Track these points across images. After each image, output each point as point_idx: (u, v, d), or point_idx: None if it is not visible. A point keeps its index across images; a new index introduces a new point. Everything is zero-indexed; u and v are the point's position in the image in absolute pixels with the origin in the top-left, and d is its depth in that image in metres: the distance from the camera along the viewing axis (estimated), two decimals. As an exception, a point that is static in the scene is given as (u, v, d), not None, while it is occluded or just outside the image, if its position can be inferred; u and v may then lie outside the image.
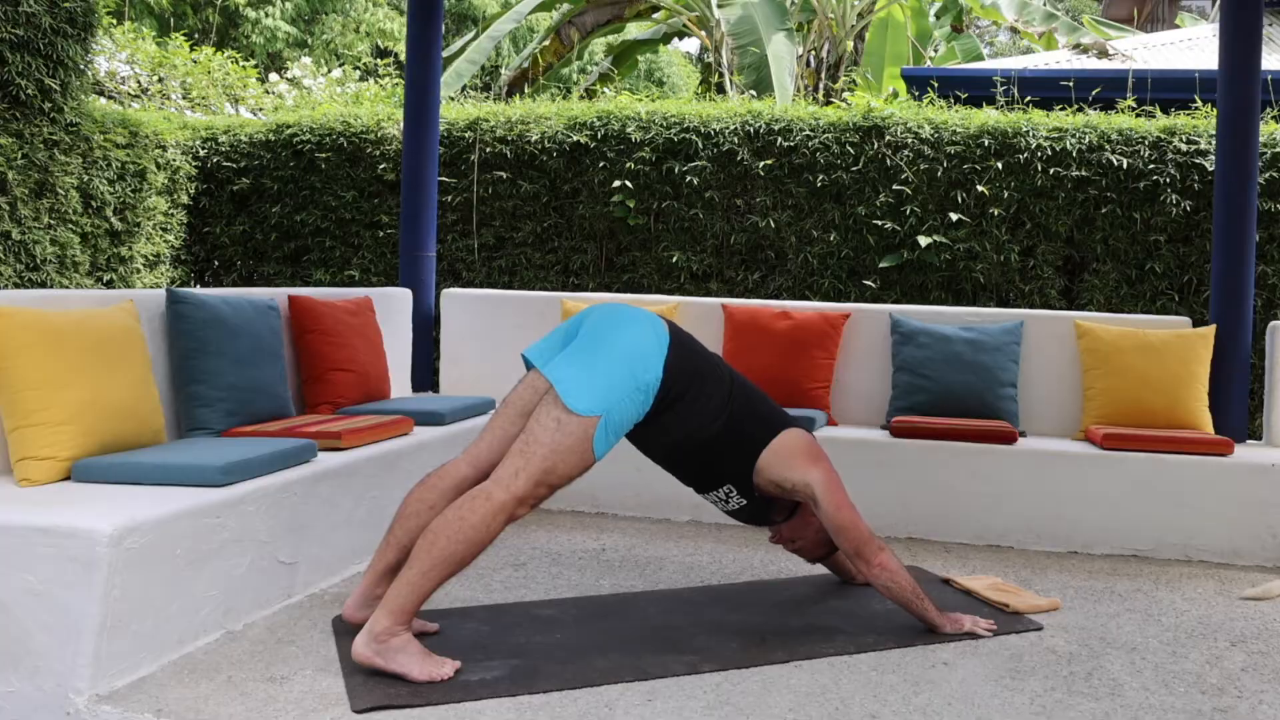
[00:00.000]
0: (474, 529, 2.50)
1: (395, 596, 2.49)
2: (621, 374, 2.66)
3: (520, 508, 2.56)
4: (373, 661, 2.46)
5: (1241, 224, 4.55)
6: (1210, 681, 2.67)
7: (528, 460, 2.56)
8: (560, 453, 2.58)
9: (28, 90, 5.60)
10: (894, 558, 2.90)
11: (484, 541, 2.52)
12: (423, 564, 2.49)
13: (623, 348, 2.68)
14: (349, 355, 4.16)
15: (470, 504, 2.53)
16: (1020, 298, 5.92)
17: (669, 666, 2.62)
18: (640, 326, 2.75)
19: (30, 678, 2.33)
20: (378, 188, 6.75)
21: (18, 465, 2.76)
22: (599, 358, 2.66)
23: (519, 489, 2.55)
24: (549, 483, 2.59)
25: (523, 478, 2.55)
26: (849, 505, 2.87)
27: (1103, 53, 10.81)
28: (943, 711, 2.41)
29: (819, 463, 2.89)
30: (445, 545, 2.49)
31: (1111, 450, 4.05)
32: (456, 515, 2.51)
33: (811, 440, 2.94)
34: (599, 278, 6.47)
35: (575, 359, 2.67)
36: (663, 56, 23.61)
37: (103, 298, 3.21)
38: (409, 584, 2.48)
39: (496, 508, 2.53)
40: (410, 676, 2.45)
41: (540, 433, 2.59)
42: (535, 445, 2.58)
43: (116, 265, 6.35)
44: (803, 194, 6.16)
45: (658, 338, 2.75)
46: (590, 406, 2.60)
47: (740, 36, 10.95)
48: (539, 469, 2.56)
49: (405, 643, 2.49)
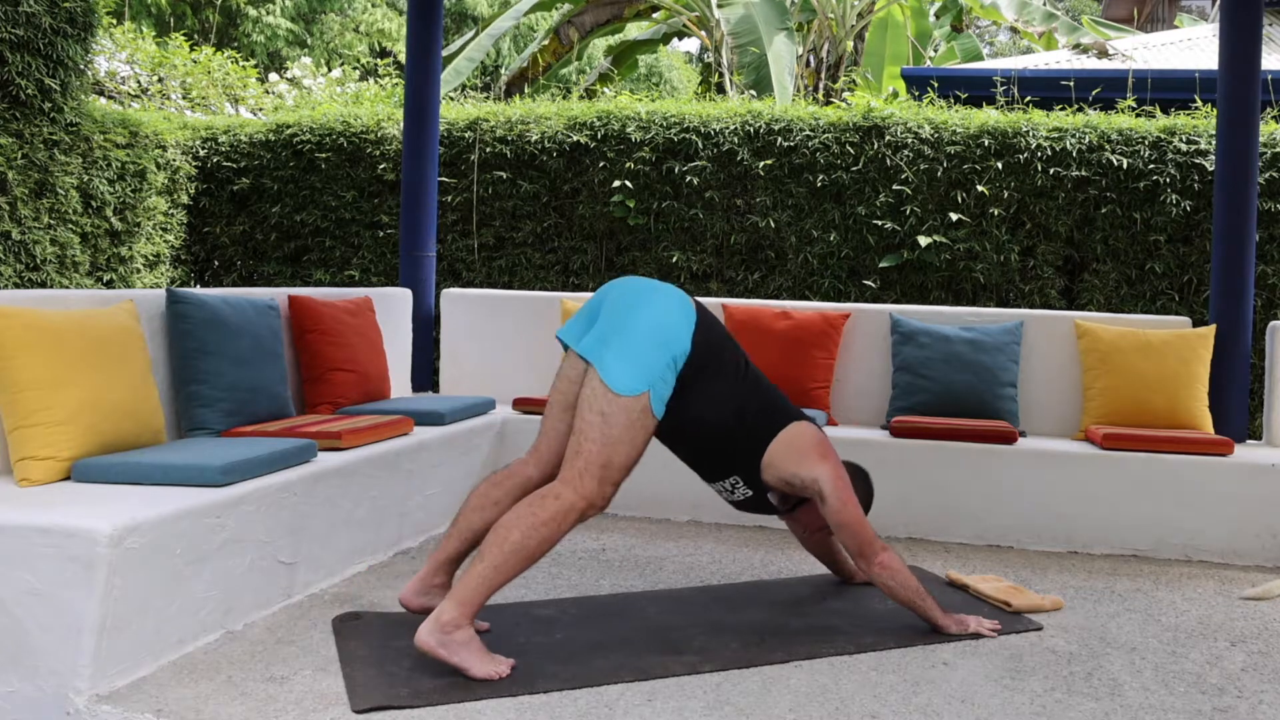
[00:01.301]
0: (545, 526, 2.53)
1: (464, 589, 2.49)
2: (656, 347, 2.65)
3: (590, 507, 2.59)
4: (435, 651, 2.46)
5: (1241, 224, 4.55)
6: (1210, 681, 2.67)
7: (586, 459, 2.58)
8: (613, 443, 2.59)
9: (28, 90, 5.60)
10: (896, 558, 2.90)
11: (554, 539, 2.55)
12: (494, 559, 2.50)
13: (654, 320, 2.67)
14: (349, 355, 4.16)
15: (541, 502, 2.55)
16: (1020, 298, 5.92)
17: (669, 666, 2.62)
18: (667, 299, 2.73)
19: (30, 678, 2.33)
20: (378, 188, 6.75)
21: (18, 465, 2.76)
22: (633, 333, 2.64)
23: (586, 488, 2.57)
24: (612, 477, 2.61)
25: (586, 477, 2.57)
26: (854, 503, 2.86)
27: (1103, 53, 10.81)
28: (943, 711, 2.41)
29: (827, 459, 2.88)
30: (519, 541, 2.51)
31: (1111, 450, 4.05)
32: (529, 512, 2.53)
33: (821, 436, 2.94)
34: (599, 278, 6.46)
35: (609, 338, 2.65)
36: (663, 57, 23.60)
37: (103, 298, 3.21)
38: (479, 578, 2.49)
39: (566, 507, 2.55)
40: (470, 672, 2.46)
41: (588, 429, 2.60)
42: (587, 443, 2.59)
43: (116, 265, 6.35)
44: (803, 194, 6.16)
45: (683, 311, 2.73)
46: (634, 385, 2.60)
47: (740, 36, 10.95)
48: (598, 464, 2.58)
49: (469, 638, 2.50)
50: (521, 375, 5.07)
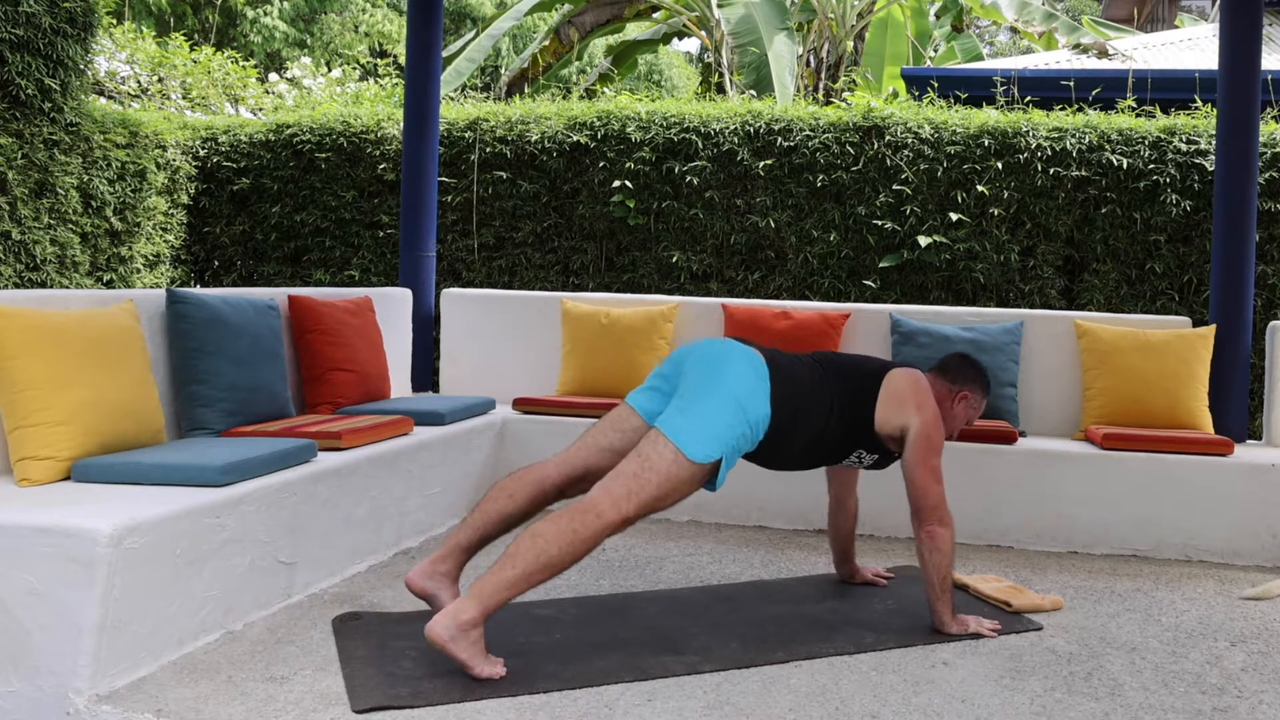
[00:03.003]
0: (584, 542, 2.54)
1: (492, 592, 2.50)
2: (732, 416, 2.70)
3: (624, 527, 2.62)
4: (445, 646, 2.47)
5: (1241, 224, 4.55)
6: (1210, 681, 2.67)
7: (641, 485, 2.60)
8: (673, 484, 2.63)
9: (28, 90, 5.60)
10: (948, 537, 2.90)
11: (585, 554, 2.56)
12: (527, 566, 2.51)
13: (729, 389, 2.72)
14: (349, 355, 4.16)
15: (582, 518, 2.54)
16: (1020, 298, 5.92)
17: (669, 666, 2.62)
18: (741, 364, 2.77)
19: (30, 678, 2.33)
20: (378, 188, 6.75)
21: (18, 465, 2.76)
22: (708, 404, 2.70)
23: (628, 510, 2.58)
24: (656, 509, 2.65)
25: (634, 501, 2.59)
26: (931, 467, 2.89)
27: (1103, 53, 10.81)
28: (943, 711, 2.41)
29: (923, 410, 2.93)
30: (555, 554, 2.52)
31: (1111, 450, 4.05)
32: (570, 528, 2.53)
33: (914, 382, 2.97)
34: (599, 278, 6.47)
35: (687, 409, 2.70)
36: (663, 57, 23.60)
37: (103, 298, 3.21)
38: (508, 583, 2.50)
39: (606, 525, 2.56)
40: (472, 671, 2.47)
41: (658, 461, 2.62)
42: (651, 473, 2.61)
43: (116, 265, 6.35)
44: (803, 194, 6.16)
45: (757, 373, 2.78)
46: (708, 454, 2.65)
47: (740, 36, 10.94)
48: (651, 496, 2.60)
49: (479, 638, 2.51)
50: (521, 375, 5.07)
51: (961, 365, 3.15)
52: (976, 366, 3.17)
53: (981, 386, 3.15)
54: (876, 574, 3.47)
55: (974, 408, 3.16)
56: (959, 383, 3.12)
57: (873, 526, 4.14)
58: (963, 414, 3.14)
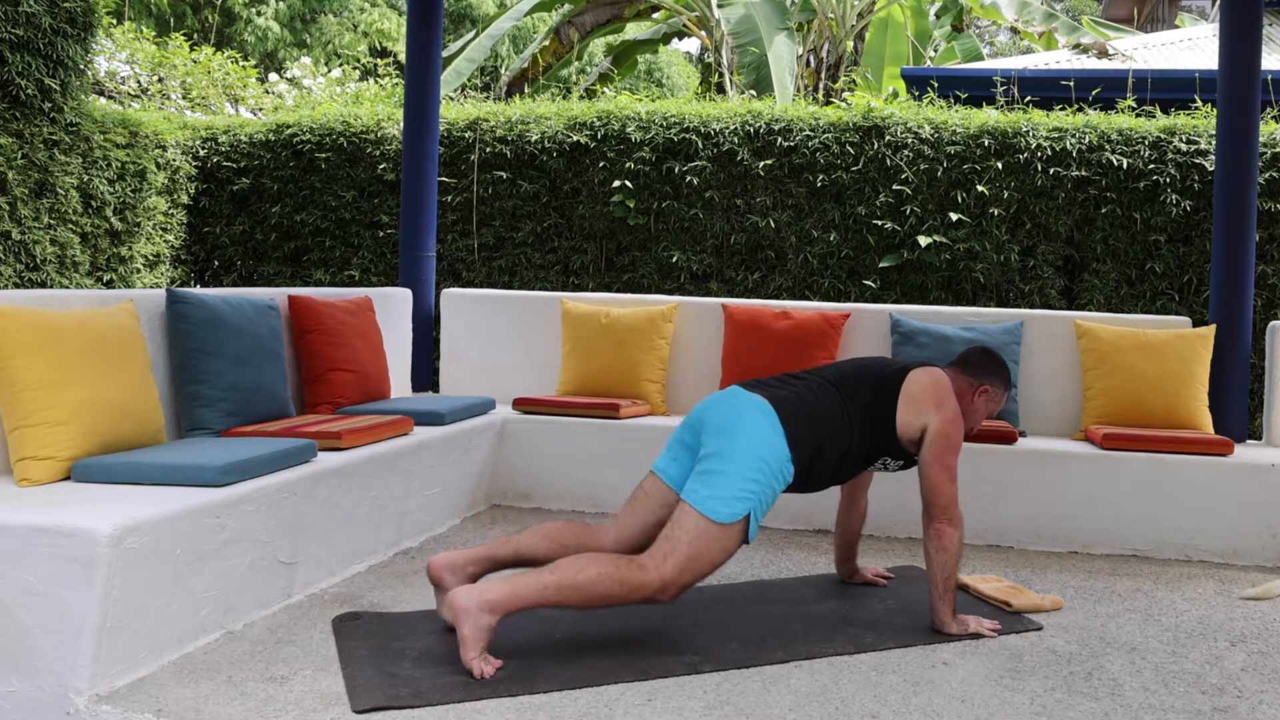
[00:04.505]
0: (619, 585, 2.60)
1: (524, 590, 2.55)
2: (756, 471, 2.73)
3: (663, 593, 2.66)
4: (458, 615, 2.52)
5: (1241, 224, 4.55)
6: (1210, 681, 2.67)
7: (674, 546, 2.66)
8: (705, 545, 2.68)
9: (28, 90, 5.60)
10: (957, 538, 2.91)
11: (615, 600, 2.61)
12: (564, 579, 2.57)
13: (746, 446, 2.75)
14: (349, 355, 4.16)
15: (628, 565, 2.63)
16: (1020, 298, 5.92)
17: (669, 666, 2.62)
18: (753, 417, 2.79)
19: (30, 678, 2.33)
20: (378, 188, 6.75)
21: (18, 465, 2.76)
22: (729, 466, 2.73)
23: (666, 572, 2.64)
24: (695, 569, 2.68)
25: (670, 562, 2.65)
26: (946, 466, 2.90)
27: (1103, 53, 10.81)
28: (943, 711, 2.41)
29: (941, 408, 2.93)
30: (591, 579, 2.58)
31: (1111, 450, 4.05)
32: (614, 566, 2.61)
33: (933, 382, 2.97)
34: (599, 278, 6.47)
35: (706, 475, 2.74)
36: (662, 56, 23.60)
37: (103, 298, 3.21)
38: (541, 588, 2.55)
39: (642, 582, 2.62)
40: (466, 656, 2.51)
41: (687, 521, 2.69)
42: (681, 533, 2.68)
43: (116, 265, 6.35)
44: (803, 194, 6.16)
45: (770, 423, 2.79)
46: (733, 514, 2.69)
47: (740, 36, 10.94)
48: (685, 555, 2.66)
49: (492, 626, 2.54)
50: (521, 375, 5.07)
51: (983, 359, 3.16)
52: (998, 360, 3.17)
53: (1003, 380, 3.16)
54: (877, 574, 3.47)
55: (995, 401, 3.16)
56: (980, 377, 3.13)
57: (873, 526, 4.14)
58: (983, 408, 3.15)
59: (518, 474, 4.52)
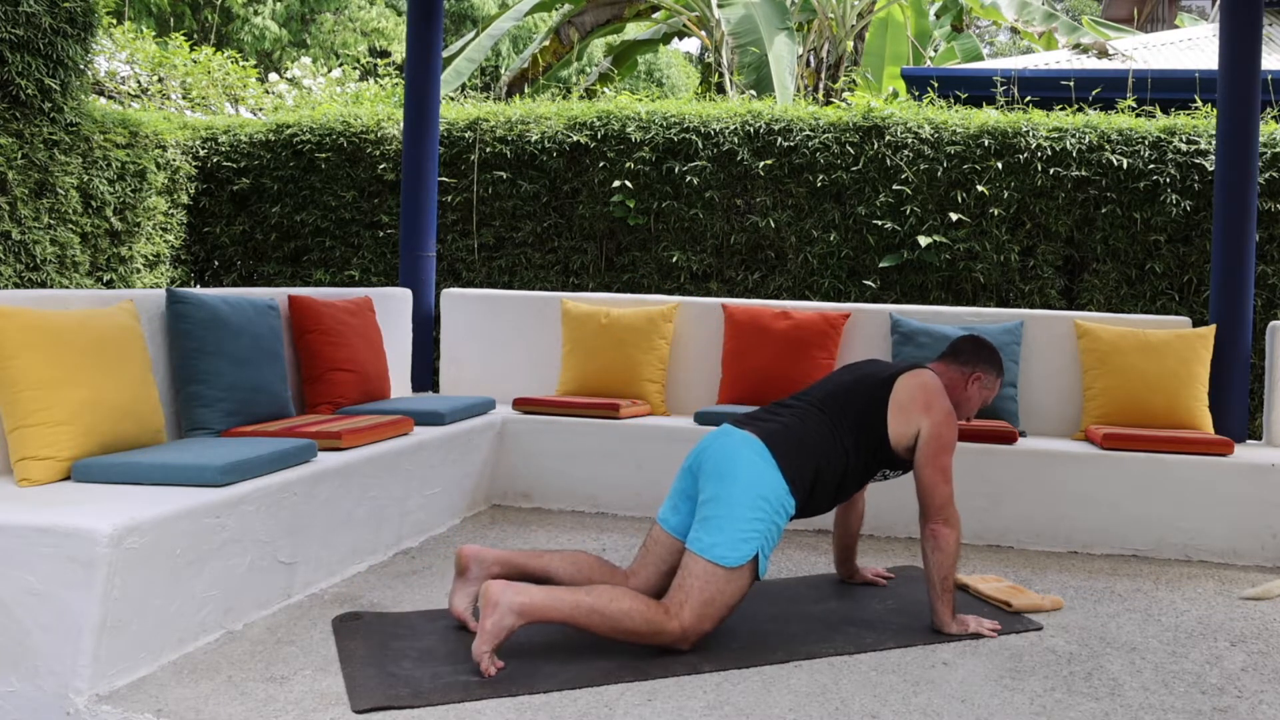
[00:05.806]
0: (647, 625, 2.63)
1: (558, 604, 2.59)
2: (756, 510, 2.74)
3: (682, 638, 2.68)
4: (487, 605, 2.55)
5: (1241, 224, 4.55)
6: (1210, 681, 2.67)
7: (687, 595, 2.69)
8: (718, 589, 2.70)
9: (28, 90, 5.60)
10: (954, 539, 2.91)
11: (634, 635, 2.64)
12: (599, 607, 2.60)
13: (744, 487, 2.76)
14: (349, 355, 4.16)
15: (656, 611, 2.66)
16: (1020, 298, 5.92)
17: (669, 666, 2.62)
18: (747, 457, 2.80)
19: (30, 678, 2.33)
20: (378, 188, 6.75)
21: (18, 465, 2.76)
22: (729, 510, 2.74)
23: (685, 619, 2.67)
24: (711, 615, 2.70)
25: (687, 609, 2.68)
26: (940, 466, 2.90)
27: (1103, 53, 10.81)
28: (943, 711, 2.41)
29: (931, 410, 2.93)
30: (623, 617, 2.61)
31: (1111, 450, 4.05)
32: (646, 609, 2.65)
33: (920, 385, 2.97)
34: (599, 277, 6.47)
35: (708, 523, 2.75)
36: (662, 57, 23.60)
37: (103, 298, 3.21)
38: (574, 606, 2.59)
39: (663, 626, 2.65)
40: (480, 644, 2.53)
41: (697, 569, 2.71)
42: (692, 580, 2.70)
43: (116, 265, 6.35)
44: (803, 194, 6.16)
45: (763, 459, 2.80)
46: (740, 557, 2.70)
47: (740, 36, 10.94)
48: (699, 601, 2.68)
49: (513, 628, 2.56)
50: (521, 375, 5.07)
51: (973, 347, 3.16)
52: (988, 347, 3.17)
53: (995, 366, 3.16)
54: (876, 574, 3.47)
55: (988, 388, 3.16)
56: (972, 365, 3.13)
57: (873, 526, 4.14)
58: (977, 395, 3.15)
59: (518, 474, 4.53)
